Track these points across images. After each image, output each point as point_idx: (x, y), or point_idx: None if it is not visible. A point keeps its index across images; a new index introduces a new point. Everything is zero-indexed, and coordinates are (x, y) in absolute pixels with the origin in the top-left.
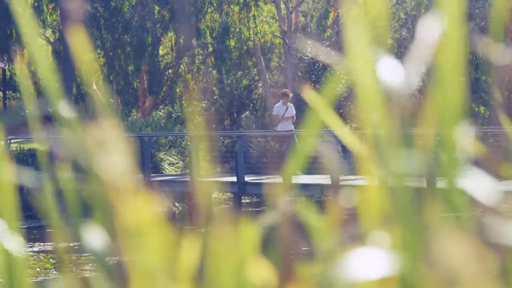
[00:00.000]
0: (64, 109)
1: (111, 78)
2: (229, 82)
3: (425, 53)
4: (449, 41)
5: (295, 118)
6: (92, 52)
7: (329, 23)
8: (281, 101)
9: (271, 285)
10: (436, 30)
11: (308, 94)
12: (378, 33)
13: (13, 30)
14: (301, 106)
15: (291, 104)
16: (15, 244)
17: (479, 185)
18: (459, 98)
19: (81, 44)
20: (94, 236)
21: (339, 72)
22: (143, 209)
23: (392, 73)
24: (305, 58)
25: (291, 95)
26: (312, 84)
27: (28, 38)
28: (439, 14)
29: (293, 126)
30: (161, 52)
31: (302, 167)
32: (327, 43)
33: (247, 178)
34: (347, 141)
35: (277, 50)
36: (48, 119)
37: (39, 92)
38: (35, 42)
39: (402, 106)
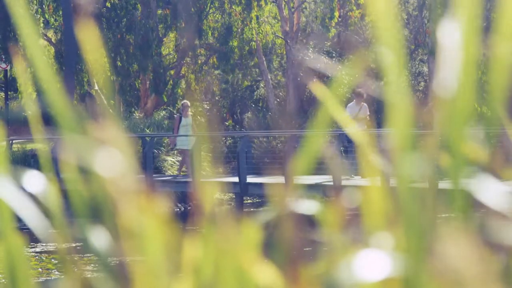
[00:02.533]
0: (66, 109)
1: (112, 79)
2: (231, 82)
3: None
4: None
5: (368, 119)
6: (99, 48)
7: (334, 23)
8: (354, 100)
9: (274, 285)
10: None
11: (318, 89)
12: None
13: (16, 31)
14: (303, 107)
15: (365, 105)
16: (17, 244)
17: (483, 186)
18: (467, 99)
19: (90, 38)
20: (96, 237)
21: (342, 74)
22: (145, 210)
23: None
24: (307, 58)
25: (365, 95)
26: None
27: (27, 39)
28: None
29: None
30: (163, 53)
31: (308, 168)
32: (328, 43)
33: (249, 179)
34: (356, 138)
35: (279, 51)
36: (48, 119)
37: (40, 92)
38: (35, 43)
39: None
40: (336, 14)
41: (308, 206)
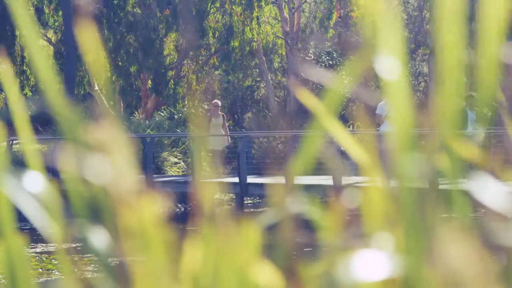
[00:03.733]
0: (66, 110)
1: (113, 79)
2: (231, 82)
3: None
4: (452, 43)
5: None
6: (98, 49)
7: (331, 24)
8: (385, 99)
9: (274, 286)
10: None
11: (303, 96)
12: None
13: (14, 31)
14: (303, 107)
15: None
16: (17, 244)
17: (482, 186)
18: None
19: (89, 38)
20: (96, 237)
21: (342, 75)
22: (145, 210)
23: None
24: (308, 59)
25: None
26: (314, 85)
27: (27, 39)
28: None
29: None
30: (163, 53)
31: (307, 168)
32: (328, 44)
33: (249, 179)
34: (346, 144)
35: (280, 51)
36: (48, 120)
37: (39, 92)
38: (35, 43)
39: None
40: (335, 15)
41: (308, 208)
